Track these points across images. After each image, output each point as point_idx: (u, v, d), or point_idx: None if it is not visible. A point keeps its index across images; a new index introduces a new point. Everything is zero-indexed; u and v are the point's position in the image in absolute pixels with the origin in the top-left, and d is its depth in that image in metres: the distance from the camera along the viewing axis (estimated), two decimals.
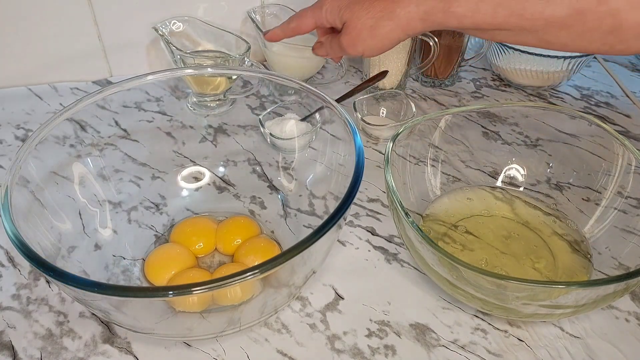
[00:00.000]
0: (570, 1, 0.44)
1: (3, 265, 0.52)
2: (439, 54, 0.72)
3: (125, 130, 0.58)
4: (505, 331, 0.47)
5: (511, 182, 0.59)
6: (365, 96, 0.69)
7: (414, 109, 0.66)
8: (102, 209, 0.52)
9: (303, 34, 0.62)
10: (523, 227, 0.55)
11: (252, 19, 0.73)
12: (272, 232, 0.55)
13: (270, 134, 0.60)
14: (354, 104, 0.67)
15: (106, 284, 0.36)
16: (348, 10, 0.55)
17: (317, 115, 0.60)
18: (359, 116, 0.67)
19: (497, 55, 0.77)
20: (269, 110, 0.63)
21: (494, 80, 0.81)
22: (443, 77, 0.78)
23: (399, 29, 0.52)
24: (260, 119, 0.62)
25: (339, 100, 0.67)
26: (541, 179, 0.58)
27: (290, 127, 0.61)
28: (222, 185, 0.59)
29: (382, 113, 0.70)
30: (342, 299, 0.49)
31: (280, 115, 0.64)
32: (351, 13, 0.54)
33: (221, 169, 0.60)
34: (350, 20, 0.55)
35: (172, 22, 0.72)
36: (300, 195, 0.56)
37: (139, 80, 0.53)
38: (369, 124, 0.66)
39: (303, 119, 0.62)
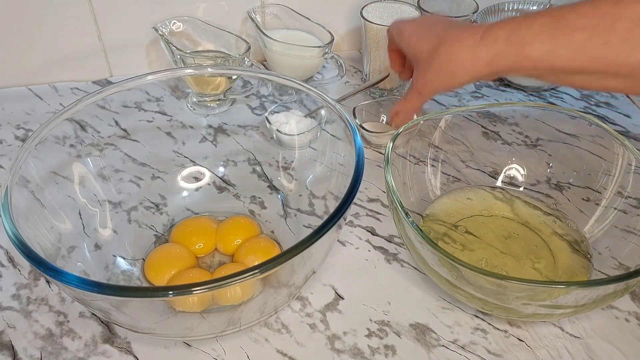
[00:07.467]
0: None
1: (3, 265, 0.52)
2: None
3: (125, 130, 0.59)
4: (505, 331, 0.47)
5: (511, 182, 0.59)
6: (365, 102, 0.68)
7: None
8: (102, 209, 0.52)
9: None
10: (523, 227, 0.55)
11: (252, 19, 0.73)
12: (272, 232, 0.55)
13: (277, 130, 0.60)
14: (354, 110, 0.66)
15: (106, 284, 0.36)
16: (414, 38, 0.49)
17: (322, 111, 0.60)
18: (358, 122, 0.66)
19: None
20: (275, 106, 0.63)
21: (494, 80, 0.81)
22: None
23: (465, 73, 0.46)
24: (266, 116, 0.62)
25: (339, 100, 0.67)
26: (541, 179, 0.58)
27: (296, 123, 0.61)
28: (222, 185, 0.59)
29: (382, 120, 0.69)
30: (342, 299, 0.49)
31: (285, 110, 0.63)
32: (417, 43, 0.49)
33: (221, 169, 0.60)
34: (416, 54, 0.49)
35: (172, 22, 0.72)
36: (300, 195, 0.56)
37: (139, 80, 0.53)
38: (367, 130, 0.65)
39: (306, 115, 0.62)
